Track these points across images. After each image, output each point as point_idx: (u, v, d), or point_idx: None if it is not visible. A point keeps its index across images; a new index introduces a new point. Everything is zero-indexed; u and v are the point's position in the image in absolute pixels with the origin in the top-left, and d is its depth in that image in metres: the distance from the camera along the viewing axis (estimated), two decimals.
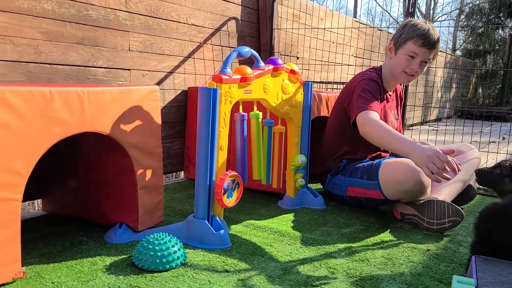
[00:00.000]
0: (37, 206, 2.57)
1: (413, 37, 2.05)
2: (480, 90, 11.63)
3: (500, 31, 12.81)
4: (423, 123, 6.70)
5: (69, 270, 1.37)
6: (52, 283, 1.29)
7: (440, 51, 7.89)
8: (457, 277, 0.91)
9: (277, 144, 2.02)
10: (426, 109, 6.83)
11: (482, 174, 1.67)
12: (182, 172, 2.69)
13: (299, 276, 1.39)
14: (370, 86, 2.07)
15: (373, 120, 1.93)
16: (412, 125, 6.27)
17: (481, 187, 2.68)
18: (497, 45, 12.76)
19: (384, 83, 2.19)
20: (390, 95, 2.25)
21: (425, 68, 2.16)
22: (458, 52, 15.62)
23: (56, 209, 1.88)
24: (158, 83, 2.45)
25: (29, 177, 1.28)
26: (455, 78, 8.83)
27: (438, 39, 2.08)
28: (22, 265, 1.35)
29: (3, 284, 1.25)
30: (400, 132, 2.38)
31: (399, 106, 2.37)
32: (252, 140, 1.89)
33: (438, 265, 1.53)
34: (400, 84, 2.36)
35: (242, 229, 1.80)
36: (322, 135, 2.38)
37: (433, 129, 4.97)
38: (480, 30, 12.33)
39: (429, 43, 2.04)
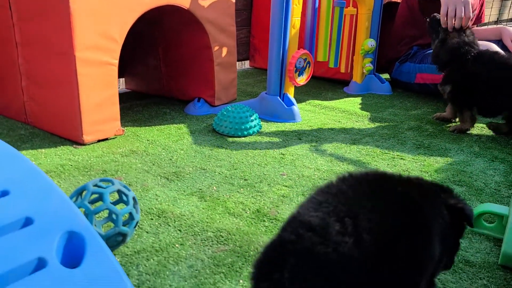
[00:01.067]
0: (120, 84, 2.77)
1: None
2: None
3: None
4: (498, 22, 6.19)
5: (159, 132, 1.54)
6: (147, 140, 1.46)
7: None
8: None
9: (347, 27, 2.00)
10: (503, 6, 6.25)
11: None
12: (248, 61, 2.75)
13: (368, 146, 1.48)
14: None
15: None
16: (486, 24, 5.81)
17: None
18: None
19: None
20: None
21: None
22: None
23: (138, 87, 2.04)
24: None
25: None
26: None
27: None
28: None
29: (107, 139, 1.44)
30: (481, 18, 2.25)
31: None
32: (321, 20, 1.88)
33: (508, 141, 1.55)
34: None
35: (310, 108, 1.89)
36: (392, 22, 2.31)
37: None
38: None
39: None
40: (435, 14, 1.67)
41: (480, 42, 1.70)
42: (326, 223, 0.47)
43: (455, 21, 1.56)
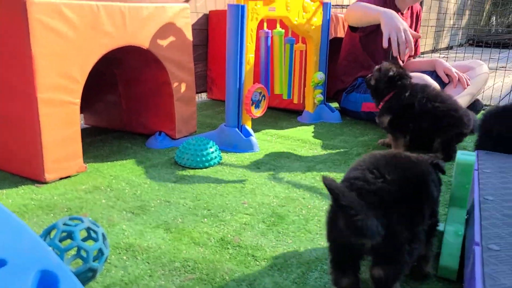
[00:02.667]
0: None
1: None
2: (494, 18, 11.33)
3: None
4: (434, 50, 6.69)
5: (122, 167, 1.58)
6: (110, 175, 1.50)
7: None
8: (461, 151, 1.09)
9: (298, 62, 2.15)
10: (438, 36, 6.78)
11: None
12: (206, 93, 2.84)
13: (321, 172, 1.59)
14: (377, 2, 2.13)
15: (354, 4, 2.03)
16: (423, 53, 6.27)
17: (487, 104, 2.82)
18: None
19: (396, 1, 2.25)
20: (403, 14, 2.31)
21: None
22: None
23: (98, 122, 2.07)
24: None
25: None
26: (469, 5, 8.62)
27: None
28: None
29: (70, 176, 1.46)
30: (416, 50, 2.47)
31: (416, 24, 2.43)
32: (275, 56, 2.02)
33: (447, 165, 1.72)
34: (420, 4, 2.41)
35: (267, 138, 1.99)
36: (338, 56, 2.49)
37: (444, 57, 5.01)
38: None
39: None
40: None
41: (413, 74, 1.88)
42: (364, 174, 0.82)
43: (399, 48, 1.71)
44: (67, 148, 1.42)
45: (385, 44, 1.71)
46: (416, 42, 2.47)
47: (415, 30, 2.44)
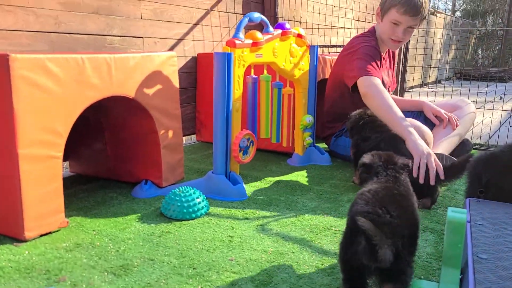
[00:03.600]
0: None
1: (396, 5, 2.07)
2: (480, 51, 11.62)
3: None
4: (422, 85, 6.79)
5: (106, 221, 1.53)
6: (93, 230, 1.45)
7: (439, 12, 7.85)
8: (452, 208, 1.06)
9: (286, 105, 2.15)
10: (426, 71, 6.91)
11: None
12: (195, 135, 2.82)
13: (312, 221, 1.55)
14: (372, 53, 2.14)
15: (377, 87, 1.98)
16: (412, 87, 6.36)
17: (477, 142, 2.83)
18: (497, 4, 12.64)
19: (380, 45, 2.27)
20: (383, 57, 2.33)
21: (412, 33, 2.18)
22: (458, 13, 15.48)
23: (83, 170, 2.03)
24: (169, 50, 2.54)
25: None
26: (454, 40, 8.84)
27: (422, 4, 2.05)
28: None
29: (50, 232, 1.41)
30: (393, 86, 2.48)
31: (392, 63, 2.45)
32: (261, 101, 2.01)
33: (436, 210, 1.69)
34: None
35: (256, 184, 1.96)
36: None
37: (432, 91, 5.08)
38: None
39: (412, 11, 2.04)
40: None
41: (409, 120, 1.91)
42: (375, 210, 1.00)
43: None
44: (48, 204, 1.38)
45: (415, 174, 1.71)
46: (393, 77, 2.48)
47: (391, 67, 2.44)
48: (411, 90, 6.20)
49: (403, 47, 2.98)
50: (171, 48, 2.56)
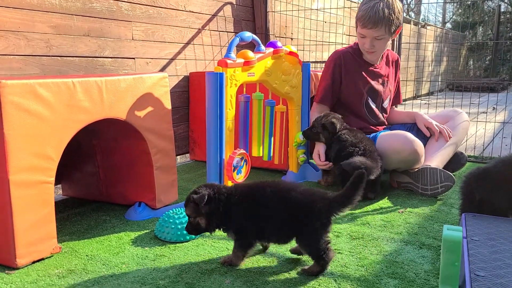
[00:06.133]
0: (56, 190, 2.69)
1: (358, 19, 2.17)
2: (471, 62, 11.76)
3: (490, 2, 12.88)
4: (415, 97, 6.84)
5: (99, 245, 1.51)
6: (86, 255, 1.43)
7: (429, 25, 7.96)
8: (447, 225, 1.05)
9: (279, 123, 2.15)
10: (418, 83, 6.97)
11: (305, 133, 2.15)
12: (188, 154, 2.81)
13: None
14: (328, 67, 2.29)
15: (311, 116, 2.25)
16: (405, 100, 6.41)
17: (471, 154, 2.84)
18: (486, 16, 12.84)
19: (364, 56, 2.30)
20: (377, 65, 2.33)
21: (385, 43, 2.21)
22: (448, 25, 15.71)
23: (76, 193, 2.01)
24: (161, 70, 2.55)
25: None
26: (446, 52, 8.95)
27: (383, 15, 2.07)
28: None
29: (43, 258, 1.39)
30: (399, 99, 2.48)
31: (396, 72, 2.45)
32: (253, 119, 2.01)
33: (432, 225, 1.68)
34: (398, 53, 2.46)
35: None
36: None
37: (425, 103, 5.12)
38: (469, 2, 12.39)
39: (370, 23, 2.09)
40: (304, 130, 2.17)
41: (395, 132, 1.95)
42: None
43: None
44: (41, 230, 1.36)
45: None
46: (398, 90, 2.49)
47: (395, 77, 2.46)
48: (404, 103, 6.23)
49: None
50: (163, 68, 2.57)
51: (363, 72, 2.29)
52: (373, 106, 2.31)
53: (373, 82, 2.30)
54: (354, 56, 2.28)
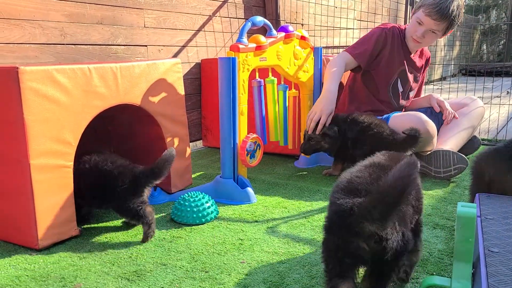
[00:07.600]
0: None
1: (425, 4, 2.11)
2: (484, 47, 11.56)
3: None
4: (427, 82, 6.77)
5: (117, 228, 1.55)
6: (105, 237, 1.46)
7: None
8: (462, 203, 1.06)
9: (292, 107, 2.15)
10: (431, 68, 6.89)
11: (305, 151, 2.08)
12: (201, 141, 2.84)
13: (321, 222, 1.55)
14: (374, 33, 2.21)
15: (335, 59, 2.18)
16: None
17: (485, 138, 2.82)
18: None
19: (407, 40, 2.27)
20: (413, 56, 2.31)
21: (435, 38, 2.19)
22: None
23: None
24: (173, 57, 2.56)
25: None
26: (458, 36, 8.81)
27: (451, 13, 2.06)
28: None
29: (64, 241, 1.43)
30: (419, 93, 2.47)
31: (424, 67, 2.44)
32: (268, 104, 2.02)
33: (446, 207, 1.69)
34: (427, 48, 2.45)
35: (264, 187, 1.96)
36: None
37: (438, 88, 5.07)
38: None
39: (436, 14, 2.06)
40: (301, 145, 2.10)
41: (410, 113, 2.07)
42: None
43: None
44: (61, 213, 1.40)
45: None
46: (421, 86, 2.48)
47: (422, 72, 2.44)
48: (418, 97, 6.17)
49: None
50: (175, 55, 2.58)
51: (403, 54, 2.27)
52: (400, 90, 2.29)
53: (407, 67, 2.29)
54: (400, 36, 2.26)
